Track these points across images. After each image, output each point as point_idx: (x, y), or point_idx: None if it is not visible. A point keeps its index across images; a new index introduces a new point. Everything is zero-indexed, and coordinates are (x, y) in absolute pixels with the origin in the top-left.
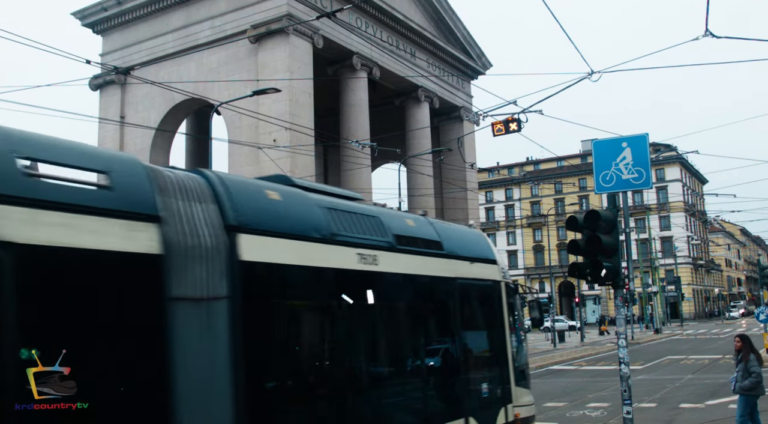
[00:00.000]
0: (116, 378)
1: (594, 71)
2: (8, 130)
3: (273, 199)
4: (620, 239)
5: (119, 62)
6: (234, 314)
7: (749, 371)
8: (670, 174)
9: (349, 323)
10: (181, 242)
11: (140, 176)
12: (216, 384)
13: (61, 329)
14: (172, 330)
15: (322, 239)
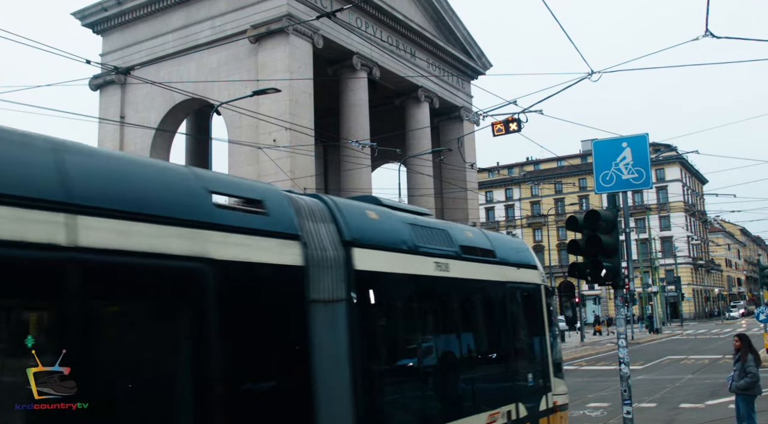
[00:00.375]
0: (280, 362)
1: (594, 71)
2: (199, 171)
3: (372, 218)
4: (620, 239)
5: (119, 62)
6: (351, 312)
7: (746, 371)
8: (670, 174)
9: (432, 320)
10: (315, 256)
11: (284, 203)
12: (340, 368)
13: (245, 325)
14: (311, 326)
15: (408, 251)
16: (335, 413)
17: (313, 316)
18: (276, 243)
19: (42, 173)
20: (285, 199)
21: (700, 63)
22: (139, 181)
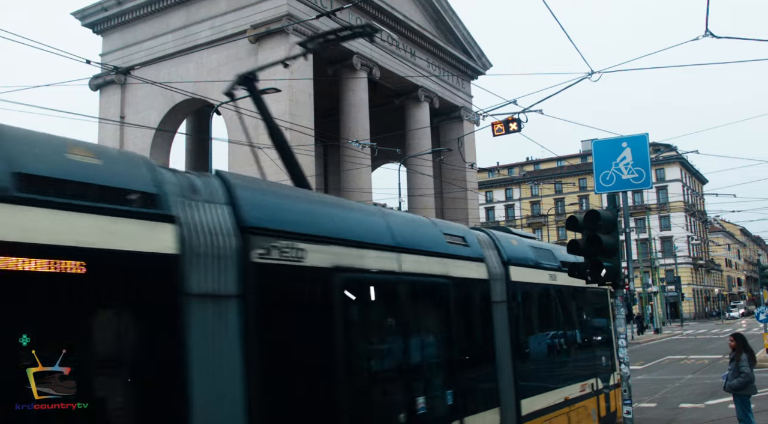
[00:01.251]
0: (484, 348)
1: (594, 71)
2: (434, 220)
3: (515, 244)
4: (620, 239)
5: (119, 62)
6: (510, 309)
7: (739, 371)
8: (670, 174)
9: (552, 316)
10: (491, 272)
11: (473, 237)
12: (504, 345)
13: (463, 315)
14: (493, 318)
15: (535, 266)
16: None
17: (493, 311)
18: (474, 264)
19: (381, 229)
20: (472, 234)
21: (700, 63)
22: (420, 232)
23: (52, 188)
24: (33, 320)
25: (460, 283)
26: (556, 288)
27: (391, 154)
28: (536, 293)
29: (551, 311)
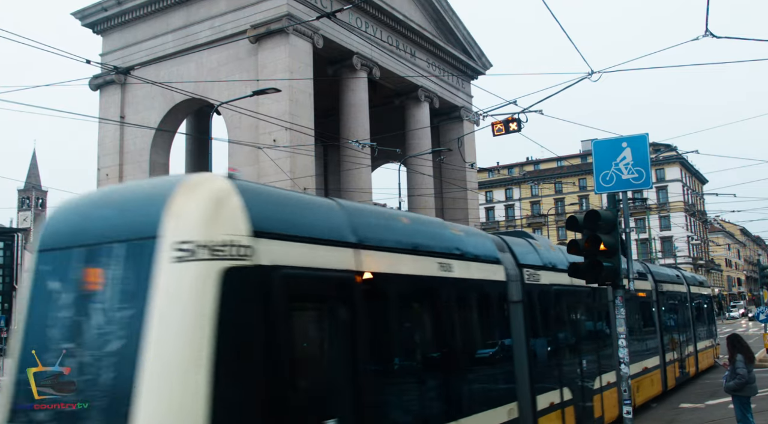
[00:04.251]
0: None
1: (594, 71)
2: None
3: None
4: (628, 238)
5: (119, 62)
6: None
7: (735, 373)
8: (670, 174)
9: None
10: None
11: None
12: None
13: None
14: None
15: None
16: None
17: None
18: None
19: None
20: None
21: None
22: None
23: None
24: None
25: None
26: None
27: (391, 154)
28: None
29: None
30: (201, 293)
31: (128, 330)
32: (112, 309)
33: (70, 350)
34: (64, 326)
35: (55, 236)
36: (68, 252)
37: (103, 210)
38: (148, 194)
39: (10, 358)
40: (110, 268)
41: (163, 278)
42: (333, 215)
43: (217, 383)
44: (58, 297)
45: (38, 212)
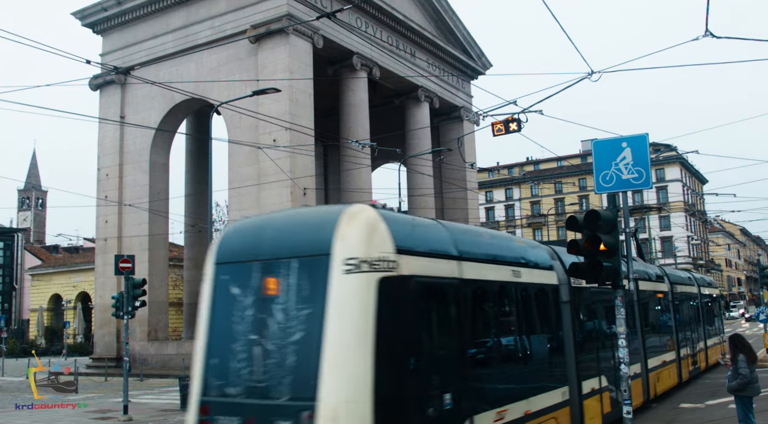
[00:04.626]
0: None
1: (594, 71)
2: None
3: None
4: (620, 239)
5: (119, 62)
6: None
7: (737, 373)
8: (670, 174)
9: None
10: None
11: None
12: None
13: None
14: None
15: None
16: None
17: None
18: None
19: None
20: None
21: (700, 63)
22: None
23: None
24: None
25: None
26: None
27: (391, 154)
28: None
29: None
30: (365, 295)
31: (310, 323)
32: (293, 309)
33: (255, 340)
34: (248, 322)
35: (230, 252)
36: (246, 265)
37: (275, 232)
38: (318, 222)
39: (198, 345)
40: (289, 277)
41: (336, 285)
42: (441, 234)
43: (377, 357)
44: (238, 300)
45: (38, 212)
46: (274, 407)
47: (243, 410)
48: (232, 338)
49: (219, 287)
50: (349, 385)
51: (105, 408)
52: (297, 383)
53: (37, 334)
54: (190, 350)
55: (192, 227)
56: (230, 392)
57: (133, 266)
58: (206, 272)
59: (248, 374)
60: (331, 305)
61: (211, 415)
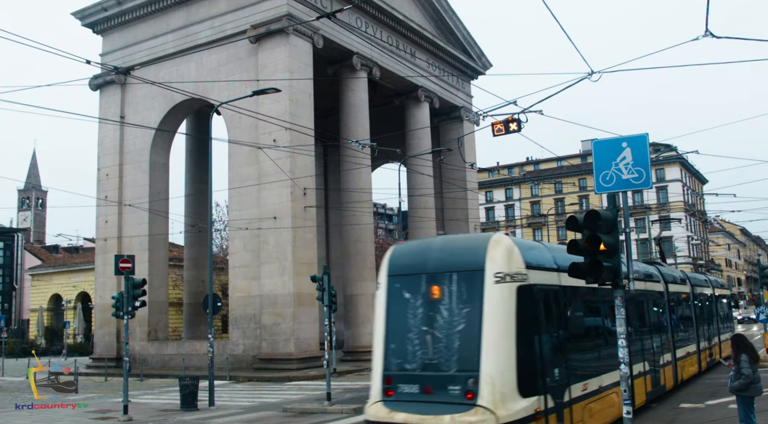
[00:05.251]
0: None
1: (594, 71)
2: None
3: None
4: (620, 239)
5: (119, 62)
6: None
7: (740, 373)
8: (670, 174)
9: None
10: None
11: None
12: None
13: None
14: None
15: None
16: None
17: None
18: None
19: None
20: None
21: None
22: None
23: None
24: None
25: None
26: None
27: (391, 154)
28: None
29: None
30: (508, 299)
31: (470, 318)
32: (456, 308)
33: (426, 330)
34: (419, 318)
35: (400, 267)
36: (415, 276)
37: (437, 253)
38: (471, 246)
39: (377, 335)
40: (451, 285)
41: (489, 291)
42: (546, 253)
43: (517, 342)
44: (410, 301)
45: (38, 212)
46: (446, 376)
47: (420, 380)
48: (407, 329)
49: (392, 292)
50: (500, 360)
51: (105, 408)
52: (462, 360)
53: (37, 334)
54: (189, 350)
55: (192, 226)
56: (408, 367)
57: (133, 266)
58: (380, 281)
59: (422, 355)
60: (486, 305)
61: (393, 384)
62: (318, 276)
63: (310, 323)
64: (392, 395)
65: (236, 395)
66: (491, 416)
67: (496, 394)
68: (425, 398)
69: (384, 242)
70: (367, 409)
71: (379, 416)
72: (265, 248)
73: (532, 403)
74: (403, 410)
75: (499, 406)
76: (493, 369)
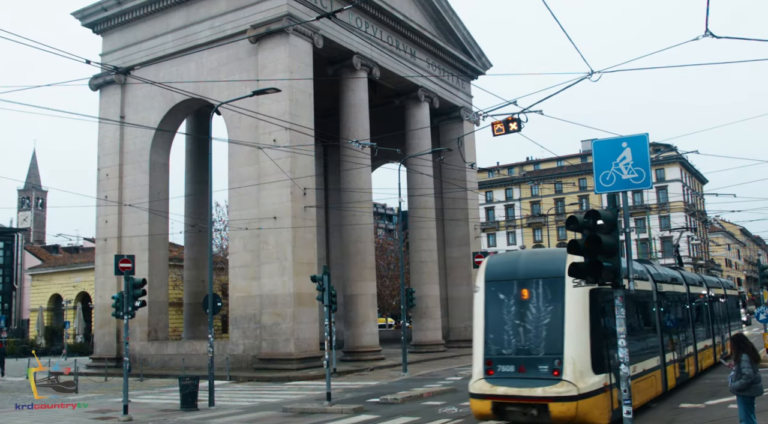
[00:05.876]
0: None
1: (594, 71)
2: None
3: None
4: (620, 239)
5: (119, 62)
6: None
7: (741, 373)
8: (670, 174)
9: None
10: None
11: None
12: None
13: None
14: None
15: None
16: None
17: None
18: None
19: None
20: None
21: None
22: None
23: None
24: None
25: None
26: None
27: (391, 154)
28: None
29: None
30: (583, 299)
31: (554, 314)
32: (542, 306)
33: (519, 324)
34: (512, 314)
35: (495, 274)
36: (508, 282)
37: (525, 263)
38: (553, 258)
39: (476, 328)
40: (539, 289)
41: (568, 293)
42: (644, 269)
43: (591, 331)
44: (504, 301)
45: (38, 212)
46: (536, 358)
47: (515, 362)
48: (503, 322)
49: (489, 294)
50: (578, 345)
51: (105, 408)
52: (549, 346)
53: (37, 334)
54: (189, 350)
55: (192, 227)
56: (504, 352)
57: (133, 266)
58: (478, 285)
59: (516, 343)
60: (566, 304)
61: (493, 365)
62: (318, 276)
63: (310, 323)
64: (492, 374)
65: (236, 395)
66: (573, 388)
67: (576, 371)
68: (519, 375)
69: (384, 242)
70: (472, 385)
71: (484, 389)
72: (265, 248)
73: (602, 379)
74: (502, 384)
75: (579, 380)
76: (573, 352)
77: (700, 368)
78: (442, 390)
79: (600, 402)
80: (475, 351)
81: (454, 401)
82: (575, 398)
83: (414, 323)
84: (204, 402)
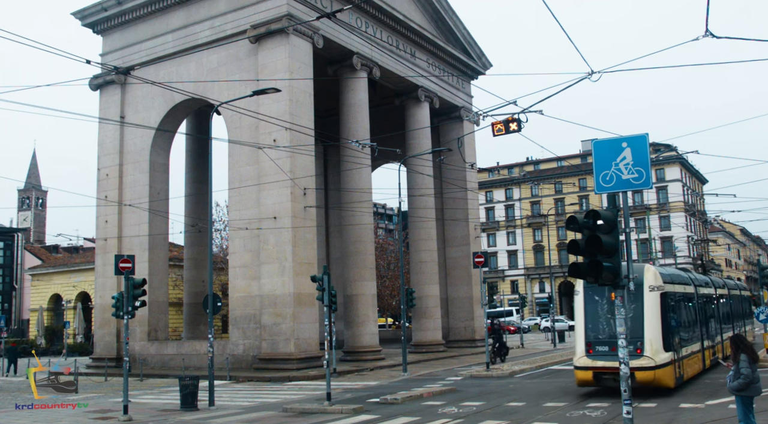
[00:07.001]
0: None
1: (594, 71)
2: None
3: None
4: (620, 239)
5: (119, 62)
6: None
7: (739, 373)
8: (670, 174)
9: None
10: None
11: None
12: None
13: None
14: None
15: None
16: None
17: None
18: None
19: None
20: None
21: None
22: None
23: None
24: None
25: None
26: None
27: (391, 154)
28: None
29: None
30: (657, 300)
31: (636, 311)
32: (628, 305)
33: (612, 318)
34: (605, 311)
35: None
36: (601, 287)
37: None
38: (636, 270)
39: (577, 320)
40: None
41: (646, 296)
42: (674, 275)
43: (662, 322)
44: (599, 301)
45: (38, 211)
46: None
47: (608, 344)
48: (598, 316)
49: (587, 295)
50: (654, 332)
51: (105, 408)
52: (633, 332)
53: (37, 334)
54: (189, 350)
55: (192, 227)
56: (600, 337)
57: (133, 266)
58: (578, 289)
59: (608, 330)
60: (645, 303)
61: (592, 346)
62: (318, 276)
63: (310, 323)
64: (591, 353)
65: (236, 395)
66: (652, 361)
67: (652, 350)
68: (612, 353)
69: (384, 242)
70: (576, 361)
71: (587, 363)
72: (265, 248)
73: (669, 355)
74: (600, 360)
75: (655, 355)
76: (651, 336)
77: (724, 355)
78: (442, 390)
79: (669, 371)
80: (577, 337)
81: (454, 401)
82: (653, 368)
83: (414, 323)
84: (204, 402)
